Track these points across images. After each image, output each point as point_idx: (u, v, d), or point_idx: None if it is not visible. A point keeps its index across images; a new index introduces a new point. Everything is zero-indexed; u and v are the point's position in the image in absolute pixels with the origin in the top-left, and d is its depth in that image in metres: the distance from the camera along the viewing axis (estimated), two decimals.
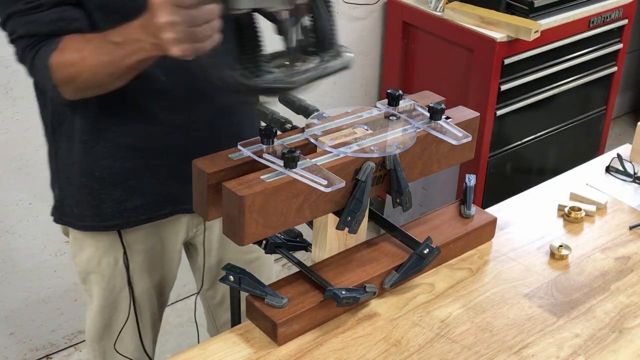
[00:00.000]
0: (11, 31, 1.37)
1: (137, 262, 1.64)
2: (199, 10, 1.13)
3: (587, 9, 2.83)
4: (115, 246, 1.61)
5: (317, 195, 1.29)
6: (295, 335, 1.32)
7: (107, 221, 1.56)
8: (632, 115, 4.34)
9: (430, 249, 1.42)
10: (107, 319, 1.69)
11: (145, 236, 1.62)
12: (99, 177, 1.52)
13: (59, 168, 1.57)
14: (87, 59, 1.30)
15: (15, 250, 2.42)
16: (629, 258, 1.57)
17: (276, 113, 1.32)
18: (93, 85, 1.35)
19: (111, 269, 1.63)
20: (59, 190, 1.59)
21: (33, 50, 1.35)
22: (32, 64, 1.36)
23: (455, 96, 2.67)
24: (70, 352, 2.67)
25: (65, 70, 1.33)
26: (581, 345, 1.35)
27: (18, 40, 1.37)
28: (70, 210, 1.59)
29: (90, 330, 1.73)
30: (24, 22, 1.34)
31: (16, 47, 1.38)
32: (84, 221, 1.58)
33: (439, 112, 1.42)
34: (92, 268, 1.64)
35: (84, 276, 1.68)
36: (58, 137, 1.54)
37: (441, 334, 1.35)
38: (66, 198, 1.59)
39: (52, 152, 1.58)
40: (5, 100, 2.21)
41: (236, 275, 1.34)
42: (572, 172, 1.88)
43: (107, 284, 1.65)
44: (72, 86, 1.36)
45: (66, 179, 1.56)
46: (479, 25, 2.64)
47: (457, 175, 2.82)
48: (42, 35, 1.34)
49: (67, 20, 1.35)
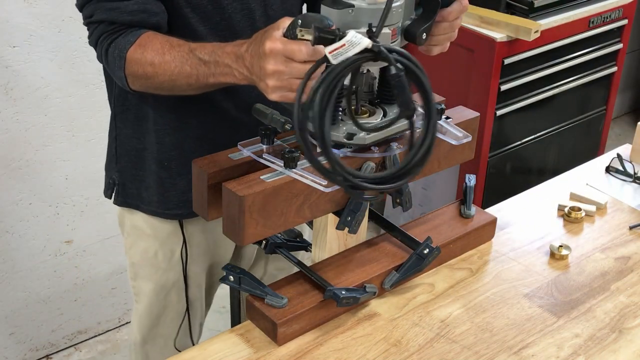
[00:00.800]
0: (89, 14, 1.38)
1: (193, 255, 1.65)
2: (307, 65, 1.16)
3: (587, 9, 2.83)
4: (172, 238, 1.62)
5: (317, 195, 1.29)
6: (295, 335, 1.32)
7: (171, 210, 1.58)
8: (632, 115, 4.34)
9: (430, 249, 1.42)
10: (155, 318, 1.70)
11: (203, 230, 1.63)
12: (167, 166, 1.55)
13: (120, 152, 1.59)
14: (168, 63, 1.32)
15: (15, 250, 2.42)
16: (629, 258, 1.57)
17: (276, 113, 1.32)
18: (167, 88, 1.37)
19: (166, 262, 1.64)
20: (119, 173, 1.61)
21: (110, 38, 1.37)
22: (106, 51, 1.38)
23: (455, 96, 2.67)
24: (70, 352, 2.67)
25: (141, 67, 1.34)
26: (581, 345, 1.35)
27: (95, 25, 1.38)
28: (136, 193, 1.60)
29: (136, 333, 1.73)
30: (105, 8, 1.35)
31: (91, 31, 1.40)
32: (151, 205, 1.59)
33: (439, 112, 1.42)
34: (147, 261, 1.65)
35: (136, 270, 1.68)
36: (120, 122, 1.56)
37: (441, 334, 1.35)
38: (131, 181, 1.60)
39: (112, 135, 1.60)
40: (5, 100, 2.21)
41: (236, 275, 1.34)
42: (572, 172, 1.88)
43: (160, 278, 1.65)
44: (143, 82, 1.38)
45: (131, 163, 1.58)
46: (479, 25, 2.64)
47: (457, 175, 2.81)
48: (121, 24, 1.36)
49: (148, 12, 1.37)
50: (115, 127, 1.59)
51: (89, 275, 2.60)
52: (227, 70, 1.27)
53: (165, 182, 1.56)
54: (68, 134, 2.36)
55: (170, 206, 1.58)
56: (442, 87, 2.72)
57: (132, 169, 1.59)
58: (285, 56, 1.16)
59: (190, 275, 1.67)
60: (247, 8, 1.45)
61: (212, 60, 1.28)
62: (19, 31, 2.16)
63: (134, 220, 1.64)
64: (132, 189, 1.60)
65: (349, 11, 1.20)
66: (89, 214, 2.51)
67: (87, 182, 2.45)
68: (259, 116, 1.34)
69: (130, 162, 1.59)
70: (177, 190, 1.56)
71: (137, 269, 1.68)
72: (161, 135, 1.53)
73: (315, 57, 1.15)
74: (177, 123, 1.52)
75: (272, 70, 1.17)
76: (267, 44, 1.16)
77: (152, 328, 1.71)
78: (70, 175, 2.42)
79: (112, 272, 2.65)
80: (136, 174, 1.59)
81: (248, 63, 1.22)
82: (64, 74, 2.28)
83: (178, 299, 1.68)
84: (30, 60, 2.21)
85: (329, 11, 1.21)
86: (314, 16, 1.15)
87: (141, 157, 1.57)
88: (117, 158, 1.60)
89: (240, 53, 1.24)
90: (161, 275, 1.65)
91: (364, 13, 1.21)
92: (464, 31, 2.66)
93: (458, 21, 1.36)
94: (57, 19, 2.20)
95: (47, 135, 2.32)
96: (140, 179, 1.59)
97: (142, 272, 1.67)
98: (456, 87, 2.76)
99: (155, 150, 1.54)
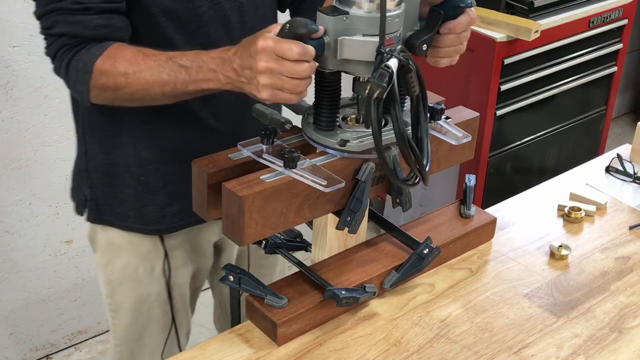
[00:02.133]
0: (49, 25, 1.34)
1: (175, 267, 1.62)
2: (298, 65, 1.17)
3: (587, 9, 2.83)
4: (153, 253, 1.58)
5: (317, 195, 1.29)
6: (295, 335, 1.32)
7: (150, 225, 1.55)
8: (632, 115, 4.34)
9: (430, 249, 1.42)
10: (140, 332, 1.66)
11: (183, 242, 1.61)
12: (144, 181, 1.52)
13: (89, 168, 1.55)
14: (142, 72, 1.30)
15: (15, 250, 2.42)
16: (628, 258, 1.57)
17: (276, 113, 1.32)
18: (137, 99, 1.34)
19: (147, 276, 1.60)
20: (91, 190, 1.56)
21: (72, 51, 1.33)
22: (67, 64, 1.34)
23: (455, 96, 2.67)
24: (70, 352, 2.67)
25: (112, 78, 1.31)
26: (581, 345, 1.35)
27: (55, 37, 1.34)
28: (110, 210, 1.56)
29: (119, 346, 1.69)
30: (68, 21, 1.32)
31: (50, 43, 1.36)
32: (127, 221, 1.56)
33: (438, 112, 1.42)
34: (127, 276, 1.60)
35: (113, 287, 1.63)
36: (89, 137, 1.52)
37: (441, 334, 1.35)
38: (104, 197, 1.56)
39: (81, 151, 1.56)
40: (5, 100, 2.21)
41: (236, 275, 1.34)
42: (572, 172, 1.88)
43: (142, 293, 1.61)
44: (110, 94, 1.34)
45: (103, 179, 1.54)
46: (479, 25, 2.64)
47: (457, 175, 2.81)
48: (84, 38, 1.33)
49: (113, 28, 1.34)
50: (85, 142, 1.53)
51: (89, 275, 2.60)
52: (210, 75, 1.26)
53: (143, 197, 1.53)
54: (68, 134, 2.36)
55: (149, 221, 1.55)
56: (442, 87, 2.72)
57: (104, 184, 1.55)
58: (276, 54, 1.16)
59: (174, 287, 1.64)
60: (223, 16, 1.43)
61: (194, 66, 1.27)
62: (19, 31, 2.16)
63: (109, 237, 1.59)
64: (105, 205, 1.56)
65: (344, 18, 1.21)
66: None
67: None
68: (258, 116, 1.34)
69: (102, 177, 1.54)
70: (155, 205, 1.53)
71: (115, 285, 1.63)
72: (138, 148, 1.49)
73: (305, 57, 1.17)
74: (153, 136, 1.48)
75: (264, 68, 1.18)
76: (259, 42, 1.17)
77: (138, 340, 1.67)
78: (70, 175, 2.42)
79: None
80: (108, 189, 1.55)
81: (236, 65, 1.22)
82: None
83: (163, 312, 1.65)
84: (30, 60, 2.21)
85: (324, 18, 1.22)
86: (301, 21, 1.17)
87: (112, 172, 1.53)
88: (88, 174, 1.56)
89: (227, 56, 1.24)
90: (143, 289, 1.61)
91: (358, 21, 1.22)
92: None
93: (466, 33, 1.35)
94: None
95: (47, 135, 2.33)
96: (113, 195, 1.55)
97: (121, 288, 1.62)
98: (456, 87, 2.76)
99: (132, 164, 1.51)
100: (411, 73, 1.23)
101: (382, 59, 1.19)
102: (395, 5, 1.24)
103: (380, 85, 1.17)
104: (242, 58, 1.21)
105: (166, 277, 1.61)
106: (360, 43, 1.22)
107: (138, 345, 1.68)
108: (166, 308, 1.65)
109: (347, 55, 1.23)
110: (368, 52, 1.22)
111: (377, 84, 1.17)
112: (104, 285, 1.65)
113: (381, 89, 1.17)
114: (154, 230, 1.56)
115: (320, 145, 1.32)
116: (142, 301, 1.62)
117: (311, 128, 1.33)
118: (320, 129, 1.32)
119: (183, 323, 1.71)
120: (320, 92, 1.31)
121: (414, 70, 1.23)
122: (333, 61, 1.24)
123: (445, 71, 2.77)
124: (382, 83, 1.17)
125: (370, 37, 1.22)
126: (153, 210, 1.54)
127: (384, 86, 1.17)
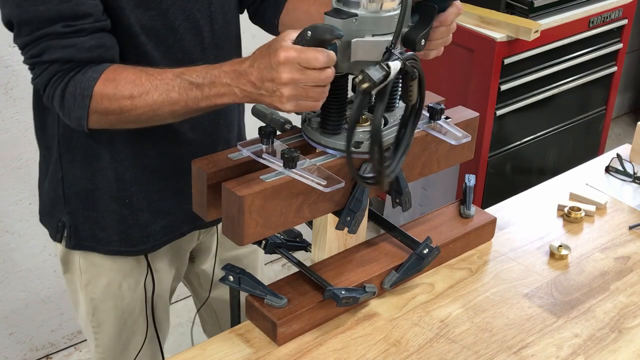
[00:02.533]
0: (38, 53, 1.28)
1: (159, 280, 1.61)
2: (322, 72, 1.15)
3: (587, 9, 2.83)
4: (136, 269, 1.57)
5: (317, 195, 1.29)
6: (295, 335, 1.32)
7: (135, 246, 1.53)
8: (632, 115, 4.34)
9: (429, 249, 1.42)
10: (124, 344, 1.65)
11: (165, 255, 1.60)
12: (128, 203, 1.49)
13: (68, 193, 1.50)
14: (149, 93, 1.25)
15: (15, 250, 2.42)
16: (628, 258, 1.57)
17: (276, 113, 1.32)
18: (143, 121, 1.29)
19: (131, 292, 1.58)
20: (70, 215, 1.51)
21: (66, 77, 1.28)
22: (63, 91, 1.28)
23: (455, 96, 2.67)
24: (70, 352, 2.67)
25: (116, 102, 1.26)
26: (581, 345, 1.35)
27: (47, 65, 1.28)
28: (91, 235, 1.52)
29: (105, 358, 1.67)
30: (60, 46, 1.26)
31: (40, 72, 1.30)
32: (110, 246, 1.52)
33: (438, 112, 1.42)
34: (110, 293, 1.57)
35: (96, 304, 1.59)
36: (66, 163, 1.47)
37: (441, 334, 1.35)
38: (83, 223, 1.52)
39: (56, 177, 1.50)
40: (5, 100, 2.21)
41: (236, 275, 1.34)
42: (572, 172, 1.88)
43: (126, 307, 1.60)
44: (113, 118, 1.29)
45: (82, 205, 1.50)
46: (479, 25, 2.64)
47: (457, 175, 2.81)
48: (78, 61, 1.28)
49: (104, 47, 1.30)
50: (61, 168, 1.48)
51: None
52: (224, 90, 1.22)
53: (126, 220, 1.50)
54: None
55: (134, 243, 1.52)
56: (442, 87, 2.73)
57: (83, 210, 1.50)
58: (300, 64, 1.14)
59: (157, 297, 1.63)
60: (195, 26, 1.41)
61: (206, 82, 1.23)
62: None
63: (89, 259, 1.55)
64: (86, 230, 1.51)
65: (353, 20, 1.21)
66: None
67: None
68: (258, 117, 1.34)
69: (81, 203, 1.49)
70: (139, 225, 1.51)
71: (97, 303, 1.59)
72: (120, 171, 1.46)
73: (330, 64, 1.15)
74: (135, 156, 1.45)
75: (288, 79, 1.14)
76: (280, 53, 1.14)
77: (123, 352, 1.65)
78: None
79: None
80: (89, 215, 1.50)
81: (254, 78, 1.18)
82: None
83: (146, 323, 1.64)
84: None
85: (333, 21, 1.21)
86: (325, 27, 1.16)
87: (93, 197, 1.48)
88: (65, 200, 1.50)
89: (242, 70, 1.20)
90: (128, 303, 1.59)
91: (367, 22, 1.22)
92: (464, 31, 2.66)
93: (454, 25, 1.37)
94: None
95: None
96: (94, 220, 1.50)
97: (104, 305, 1.59)
98: (456, 87, 2.76)
99: (115, 189, 1.47)
100: (413, 82, 1.22)
101: (389, 57, 1.18)
102: (397, 4, 1.24)
103: (371, 80, 1.15)
104: (261, 70, 1.17)
105: (150, 290, 1.60)
106: (373, 44, 1.21)
107: (123, 356, 1.66)
108: (149, 319, 1.64)
109: (361, 56, 1.22)
110: (381, 52, 1.21)
111: (368, 77, 1.16)
112: (85, 305, 1.61)
113: (370, 83, 1.15)
114: (138, 251, 1.54)
115: (328, 148, 1.31)
116: (127, 316, 1.61)
117: (316, 131, 1.32)
118: (328, 132, 1.31)
119: (164, 327, 1.72)
120: (330, 96, 1.28)
121: (417, 79, 1.23)
122: (345, 64, 1.24)
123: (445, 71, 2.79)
124: (374, 78, 1.15)
125: (380, 37, 1.21)
126: (137, 231, 1.51)
127: (374, 81, 1.15)
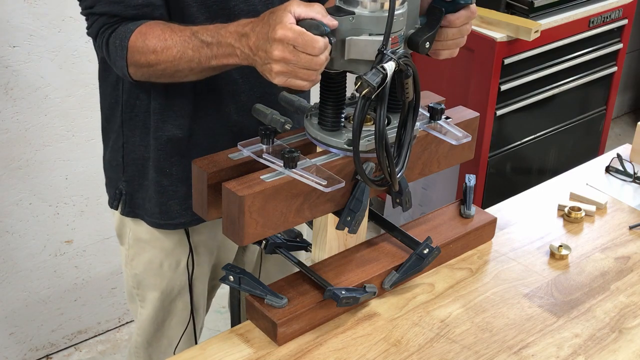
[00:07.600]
0: (91, 4, 1.36)
1: (199, 261, 1.63)
2: (313, 58, 1.16)
3: (587, 9, 2.83)
4: (178, 248, 1.60)
5: (317, 195, 1.29)
6: (295, 335, 1.32)
7: (174, 219, 1.56)
8: (632, 115, 4.34)
9: (430, 249, 1.42)
10: (160, 323, 1.68)
11: (208, 238, 1.62)
12: (169, 173, 1.52)
13: (127, 161, 1.55)
14: (170, 49, 1.31)
15: (15, 250, 2.42)
16: (628, 258, 1.57)
17: (276, 113, 1.33)
18: (168, 75, 1.35)
19: (172, 271, 1.61)
20: (127, 183, 1.57)
21: (111, 29, 1.36)
22: (107, 41, 1.36)
23: (455, 96, 2.67)
24: (70, 352, 2.67)
25: (144, 56, 1.33)
26: (581, 345, 1.35)
27: (96, 16, 1.37)
28: (142, 203, 1.57)
29: (139, 336, 1.71)
30: (109, 1, 1.34)
31: (91, 23, 1.39)
32: (153, 217, 1.56)
33: (438, 112, 1.42)
34: (152, 271, 1.62)
35: (139, 280, 1.65)
36: (127, 130, 1.53)
37: (441, 334, 1.35)
38: (138, 191, 1.57)
39: (118, 144, 1.55)
40: (5, 101, 2.21)
41: (236, 275, 1.34)
42: (572, 172, 1.88)
43: (165, 287, 1.63)
44: (145, 71, 1.36)
45: (138, 172, 1.55)
46: (479, 25, 2.64)
47: (457, 175, 2.81)
48: (124, 17, 1.35)
49: (152, 6, 1.36)
50: (123, 135, 1.54)
51: (89, 275, 2.60)
52: (229, 50, 1.26)
53: (167, 190, 1.53)
54: (68, 134, 2.36)
55: (173, 215, 1.55)
56: (442, 87, 2.73)
57: (138, 178, 1.56)
58: (295, 46, 1.15)
59: (196, 281, 1.65)
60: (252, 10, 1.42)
61: (214, 42, 1.27)
62: (19, 31, 2.16)
63: (137, 232, 1.61)
64: (139, 198, 1.57)
65: (350, 19, 1.21)
66: (89, 214, 2.51)
67: (87, 182, 2.45)
68: (258, 116, 1.34)
69: (137, 171, 1.55)
70: (178, 197, 1.54)
71: (140, 278, 1.65)
72: (163, 141, 1.50)
73: (326, 51, 1.17)
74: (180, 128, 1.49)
75: (279, 57, 1.17)
76: (278, 30, 1.15)
77: (157, 332, 1.69)
78: (70, 175, 2.42)
79: (112, 272, 2.65)
80: (142, 183, 1.56)
81: (252, 43, 1.21)
82: (64, 74, 2.28)
83: (183, 305, 1.67)
84: (30, 60, 2.21)
85: None
86: (311, 23, 1.17)
87: (146, 165, 1.54)
88: (124, 167, 1.56)
89: (244, 32, 1.23)
90: (167, 283, 1.63)
91: (364, 21, 1.22)
92: None
93: (467, 27, 1.36)
94: (57, 19, 2.20)
95: (47, 135, 2.32)
96: (145, 189, 1.56)
97: (146, 281, 1.65)
98: (456, 87, 2.76)
99: (157, 158, 1.51)
100: (408, 79, 1.23)
101: (382, 59, 1.19)
102: (399, 4, 1.24)
103: (370, 84, 1.16)
104: (259, 38, 1.20)
105: (190, 272, 1.62)
106: (368, 43, 1.22)
107: (157, 337, 1.70)
108: (187, 302, 1.66)
109: (355, 55, 1.23)
110: (375, 52, 1.21)
111: (367, 82, 1.17)
112: (130, 279, 1.67)
113: (370, 88, 1.17)
114: (177, 224, 1.57)
115: (327, 145, 1.32)
116: (165, 295, 1.64)
117: (315, 128, 1.33)
118: (326, 129, 1.32)
119: (200, 318, 1.73)
120: (326, 93, 1.31)
121: (412, 76, 1.23)
122: (340, 61, 1.24)
123: (445, 71, 2.79)
124: (373, 83, 1.16)
125: (377, 37, 1.22)
126: (176, 204, 1.55)
127: (373, 86, 1.16)
